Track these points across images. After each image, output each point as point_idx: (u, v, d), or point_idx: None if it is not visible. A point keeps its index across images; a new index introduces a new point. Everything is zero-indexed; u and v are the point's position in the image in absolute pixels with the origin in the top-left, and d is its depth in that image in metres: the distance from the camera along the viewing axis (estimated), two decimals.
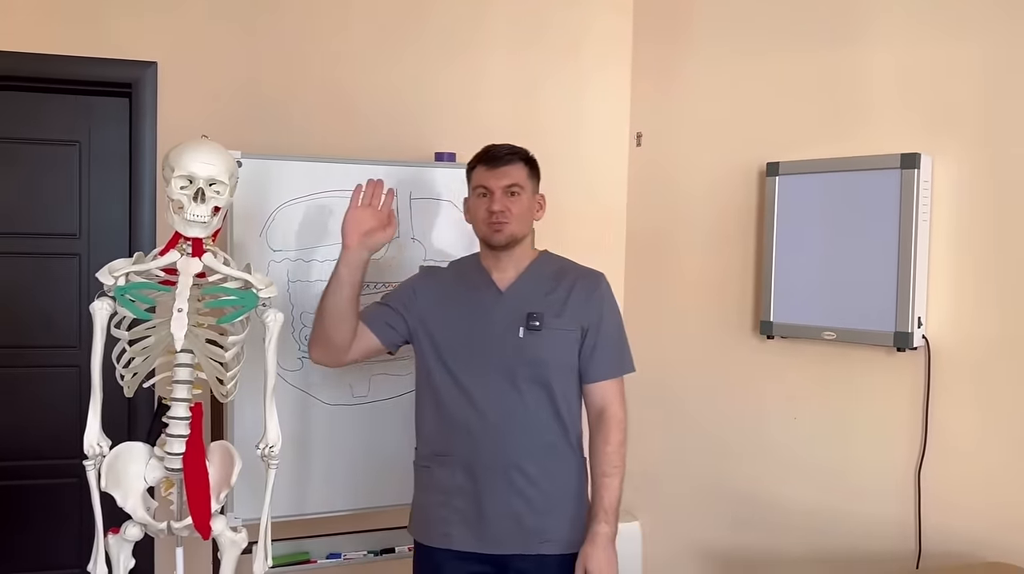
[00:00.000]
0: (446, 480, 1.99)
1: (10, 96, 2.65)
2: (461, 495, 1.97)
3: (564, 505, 1.99)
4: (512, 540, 1.95)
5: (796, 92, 2.61)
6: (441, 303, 2.04)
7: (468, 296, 2.03)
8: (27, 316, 2.71)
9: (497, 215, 1.95)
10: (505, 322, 1.98)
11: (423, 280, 2.12)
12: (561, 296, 2.01)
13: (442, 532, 1.99)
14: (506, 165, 1.97)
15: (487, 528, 1.95)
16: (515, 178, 1.98)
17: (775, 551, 2.67)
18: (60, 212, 2.72)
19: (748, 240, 2.73)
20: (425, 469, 2.04)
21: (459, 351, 1.98)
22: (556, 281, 2.04)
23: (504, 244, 1.98)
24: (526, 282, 2.02)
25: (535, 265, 2.06)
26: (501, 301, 2.00)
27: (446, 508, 1.98)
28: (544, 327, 1.96)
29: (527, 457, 1.95)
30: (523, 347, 1.96)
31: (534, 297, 2.00)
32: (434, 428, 2.02)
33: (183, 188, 1.64)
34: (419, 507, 2.06)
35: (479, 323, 1.99)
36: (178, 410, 1.65)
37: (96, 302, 1.63)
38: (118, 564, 1.74)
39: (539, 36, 3.05)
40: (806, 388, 2.57)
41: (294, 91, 2.78)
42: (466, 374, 1.97)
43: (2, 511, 2.72)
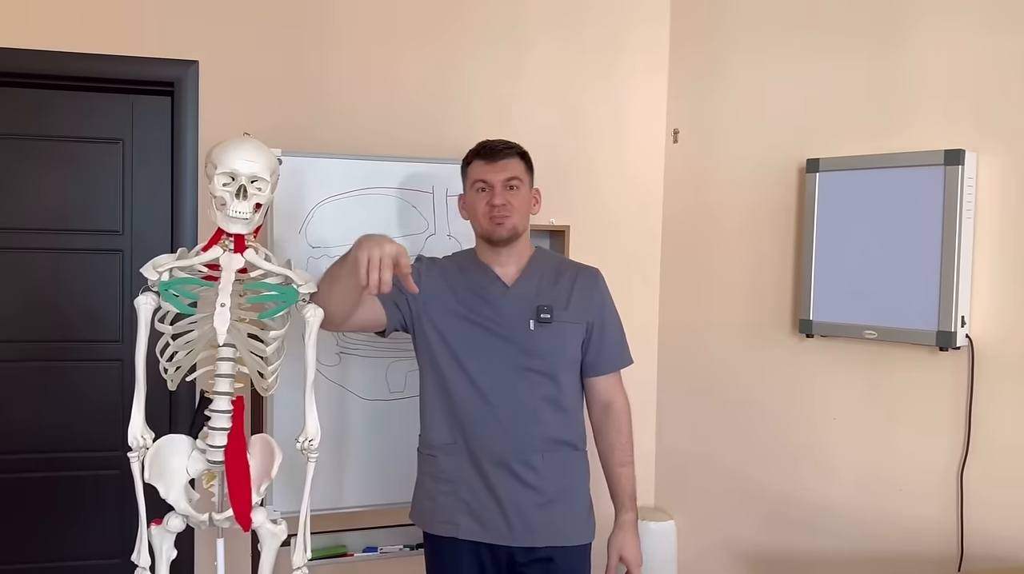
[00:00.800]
0: (452, 470, 2.00)
1: (56, 95, 2.70)
2: (467, 485, 1.99)
3: (569, 498, 2.02)
4: (518, 532, 1.97)
5: (837, 87, 2.57)
6: (447, 293, 2.04)
7: (474, 290, 2.03)
8: (71, 311, 2.76)
9: (499, 209, 1.96)
10: (515, 315, 1.99)
11: (427, 268, 2.09)
12: (565, 290, 2.04)
13: (448, 521, 2.00)
14: (504, 159, 1.99)
15: (492, 519, 1.97)
16: (514, 171, 1.99)
17: (812, 552, 2.65)
18: (103, 209, 2.77)
19: (787, 237, 2.70)
20: (431, 458, 2.05)
21: (468, 344, 1.99)
22: (557, 275, 2.07)
23: (506, 238, 1.99)
24: (530, 276, 2.05)
25: (535, 260, 2.09)
26: (508, 295, 2.02)
27: (452, 497, 2.00)
28: (555, 319, 1.99)
29: (533, 450, 1.98)
30: (534, 339, 1.98)
31: (540, 290, 2.02)
32: (441, 417, 2.03)
33: (225, 185, 1.66)
34: (425, 495, 2.06)
35: (489, 317, 2.00)
36: (220, 403, 1.67)
37: (141, 297, 1.65)
38: (160, 555, 1.76)
39: (578, 32, 3.04)
40: (846, 388, 2.54)
41: (333, 89, 2.80)
42: (475, 366, 1.98)
43: (47, 502, 2.77)
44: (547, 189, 2.89)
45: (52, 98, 2.71)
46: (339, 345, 2.44)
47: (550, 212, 2.97)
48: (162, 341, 1.69)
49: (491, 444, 1.97)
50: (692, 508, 3.04)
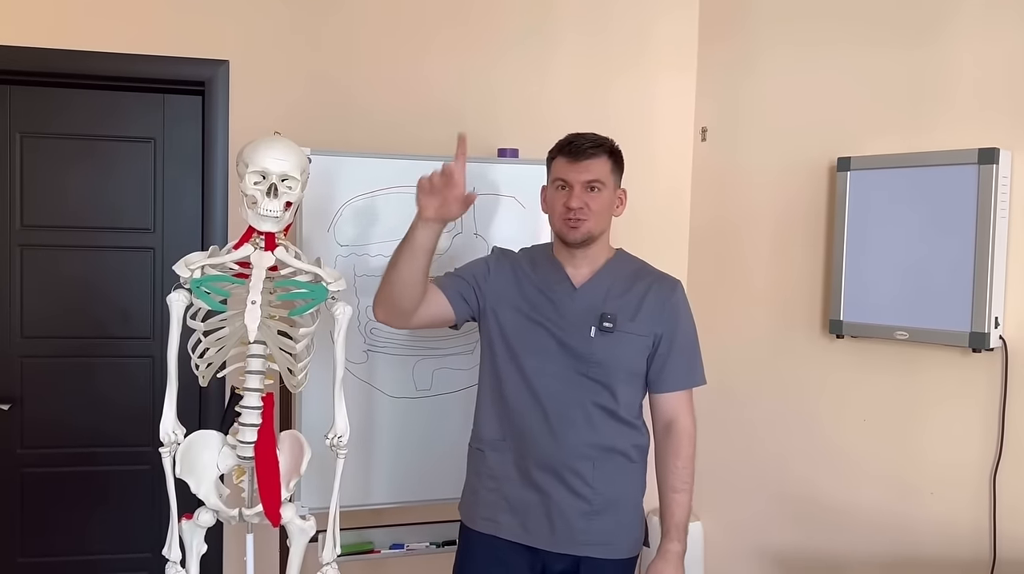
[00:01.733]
0: (498, 467, 1.96)
1: (89, 94, 2.74)
2: (512, 485, 1.94)
3: (618, 511, 1.94)
4: (559, 538, 1.91)
5: (868, 85, 2.54)
6: (514, 288, 1.98)
7: (541, 288, 1.96)
8: (103, 308, 2.80)
9: (575, 212, 1.87)
10: (577, 320, 1.91)
11: (498, 261, 2.04)
12: (636, 299, 1.94)
13: (489, 517, 1.95)
14: (588, 159, 1.88)
15: (534, 522, 1.92)
16: (596, 173, 1.89)
17: (841, 555, 2.62)
18: (135, 207, 2.81)
19: (817, 237, 2.67)
20: (479, 452, 2.01)
21: (527, 342, 1.93)
22: (631, 283, 1.96)
23: (580, 242, 1.91)
24: (601, 280, 1.95)
25: (611, 264, 1.99)
26: (575, 298, 1.94)
27: (496, 494, 1.95)
28: (617, 329, 1.90)
29: (583, 458, 1.90)
30: (593, 347, 1.90)
31: (609, 297, 1.93)
32: (492, 413, 1.97)
33: (257, 184, 1.68)
34: (470, 490, 2.03)
35: (551, 317, 1.93)
36: (251, 400, 1.68)
37: (173, 294, 1.67)
38: (191, 549, 1.78)
39: (604, 29, 3.03)
40: (877, 389, 2.51)
41: (361, 89, 2.82)
42: (531, 366, 1.92)
43: (80, 496, 2.82)
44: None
45: (85, 97, 2.75)
46: (367, 343, 2.46)
47: None
48: (194, 338, 1.71)
49: (539, 447, 1.91)
50: (719, 509, 3.02)
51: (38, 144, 2.73)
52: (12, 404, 2.74)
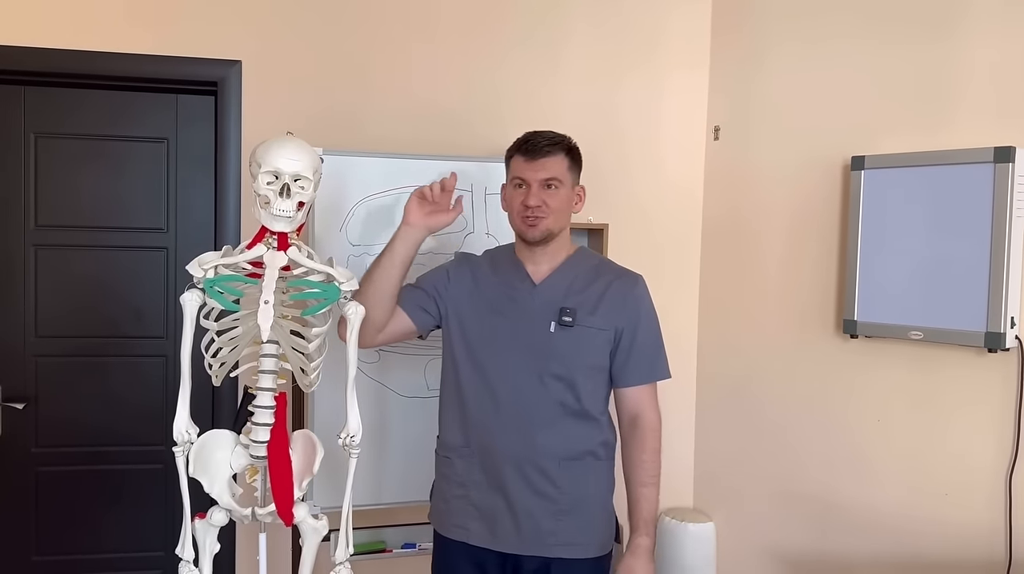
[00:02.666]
0: (465, 473, 1.95)
1: (102, 95, 2.75)
2: (479, 489, 1.94)
3: (585, 509, 1.94)
4: (528, 540, 1.91)
5: (883, 83, 2.53)
6: (474, 291, 1.99)
7: (501, 287, 1.97)
8: (117, 307, 2.81)
9: (533, 210, 1.88)
10: (537, 316, 1.92)
11: (458, 266, 2.06)
12: (596, 294, 1.94)
13: (459, 525, 1.96)
14: (545, 157, 1.89)
15: (502, 526, 1.91)
16: (553, 171, 1.89)
17: (854, 556, 2.60)
18: (149, 207, 2.81)
19: (831, 236, 2.66)
20: (446, 459, 2.01)
21: (487, 343, 1.93)
22: (592, 278, 1.97)
23: (539, 239, 1.92)
24: (562, 276, 1.96)
25: (572, 260, 1.99)
26: (534, 294, 1.94)
27: (464, 501, 1.95)
28: (576, 323, 1.90)
29: (548, 456, 1.90)
30: (553, 343, 1.90)
31: (569, 292, 1.93)
32: (456, 418, 1.97)
33: (269, 184, 1.68)
34: (440, 496, 2.03)
35: (510, 315, 1.94)
36: (264, 399, 1.68)
37: (186, 294, 1.68)
38: (204, 548, 1.78)
39: (614, 27, 3.02)
40: (891, 389, 2.49)
41: (373, 89, 2.82)
42: (492, 367, 1.92)
43: (94, 494, 2.83)
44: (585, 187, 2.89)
45: (98, 98, 2.76)
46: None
47: (588, 210, 2.95)
48: (207, 337, 1.72)
49: (504, 449, 1.90)
50: (731, 510, 3.01)
51: (52, 144, 2.74)
52: (26, 403, 2.75)
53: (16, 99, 2.71)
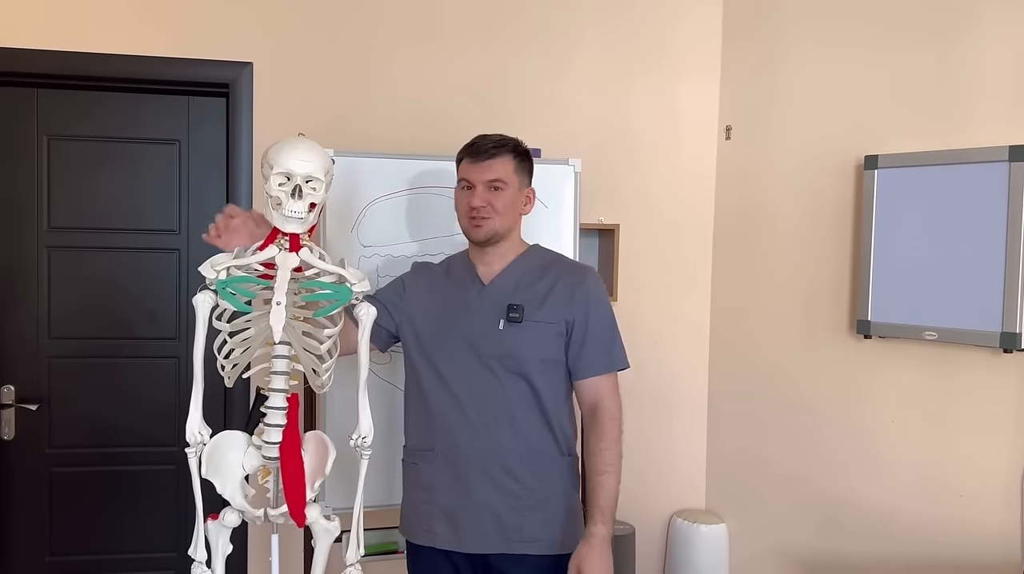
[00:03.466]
0: (430, 476, 1.97)
1: (115, 97, 2.77)
2: (443, 491, 1.95)
3: (549, 505, 1.94)
4: (493, 539, 1.92)
5: (896, 81, 2.51)
6: (427, 298, 2.02)
7: (453, 290, 2.01)
8: (129, 309, 2.82)
9: (478, 210, 1.91)
10: (486, 314, 1.94)
11: (413, 276, 2.09)
12: (544, 288, 1.96)
13: (426, 529, 1.97)
14: (490, 159, 1.92)
15: (467, 526, 1.92)
16: (499, 173, 1.92)
17: (868, 558, 2.59)
18: (161, 209, 2.83)
19: (844, 236, 2.65)
20: (412, 465, 2.03)
21: (441, 345, 1.96)
22: (541, 274, 1.99)
23: (484, 240, 1.95)
24: (510, 275, 1.99)
25: (521, 259, 2.02)
26: (483, 294, 1.97)
27: (430, 505, 1.97)
28: (525, 319, 1.91)
29: (509, 453, 1.91)
30: (502, 339, 1.92)
31: (517, 289, 1.96)
32: (419, 423, 2.00)
33: (281, 185, 1.68)
34: (407, 504, 2.05)
35: (461, 316, 1.96)
36: (276, 400, 1.68)
37: (199, 295, 1.68)
38: (216, 549, 1.78)
39: (626, 26, 3.01)
40: (905, 390, 2.48)
41: (384, 90, 2.82)
42: (448, 368, 1.94)
43: (106, 495, 2.84)
44: (595, 187, 2.89)
45: (110, 100, 2.77)
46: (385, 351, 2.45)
47: (598, 210, 2.96)
48: (219, 338, 1.71)
49: (466, 448, 1.92)
50: (744, 512, 3.00)
51: (65, 146, 2.75)
52: (40, 404, 2.76)
53: (29, 101, 2.73)
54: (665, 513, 3.12)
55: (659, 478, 3.10)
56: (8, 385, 2.75)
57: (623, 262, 2.98)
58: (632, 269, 3.02)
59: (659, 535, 3.12)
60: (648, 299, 3.05)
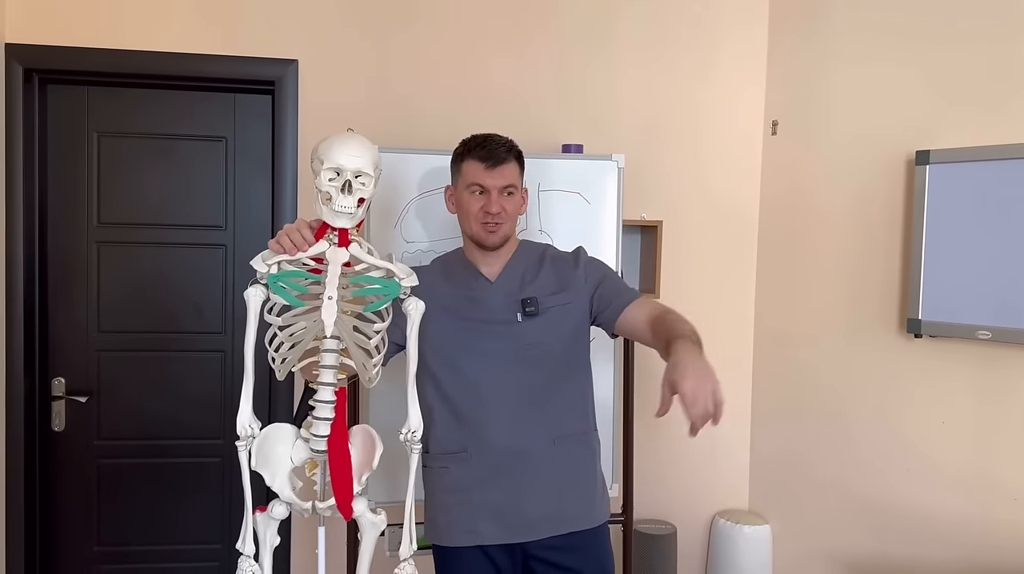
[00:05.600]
0: (465, 477, 1.98)
1: (161, 94, 2.81)
2: (482, 489, 1.97)
3: (584, 481, 2.01)
4: (541, 525, 1.96)
5: (948, 74, 2.46)
6: (432, 303, 1.95)
7: (459, 291, 2.02)
8: (177, 303, 2.86)
9: (494, 217, 1.94)
10: (501, 310, 1.99)
11: None
12: (549, 276, 2.02)
13: (468, 529, 1.98)
14: (503, 164, 1.94)
15: (512, 518, 1.96)
16: (511, 178, 1.96)
17: (917, 563, 2.54)
18: (208, 205, 2.86)
19: (894, 233, 2.60)
20: (442, 470, 2.02)
21: (458, 345, 1.98)
22: (540, 265, 2.05)
23: (498, 245, 1.99)
24: (514, 270, 2.04)
25: (519, 253, 2.07)
26: (493, 291, 2.01)
27: (468, 505, 1.98)
28: (541, 310, 1.97)
29: (542, 440, 1.96)
30: (522, 332, 1.97)
31: (524, 283, 2.01)
32: (446, 427, 2.00)
33: (331, 180, 1.68)
34: (440, 509, 2.04)
35: (477, 316, 1.99)
36: (325, 394, 1.69)
37: (250, 289, 1.69)
38: (264, 542, 1.79)
39: (670, 20, 2.98)
40: (957, 390, 2.43)
41: (428, 86, 2.83)
42: (471, 368, 1.97)
43: (152, 486, 2.89)
44: (639, 183, 2.88)
45: (158, 97, 2.81)
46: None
47: (641, 206, 2.94)
48: (270, 332, 1.73)
49: (500, 442, 1.96)
50: (788, 513, 2.96)
51: (114, 143, 2.80)
52: (89, 396, 2.82)
53: (80, 99, 2.78)
54: (707, 513, 3.10)
55: (701, 478, 3.08)
56: (59, 377, 2.81)
57: (666, 259, 2.96)
58: (675, 266, 2.99)
59: (701, 535, 3.10)
60: (691, 297, 3.02)
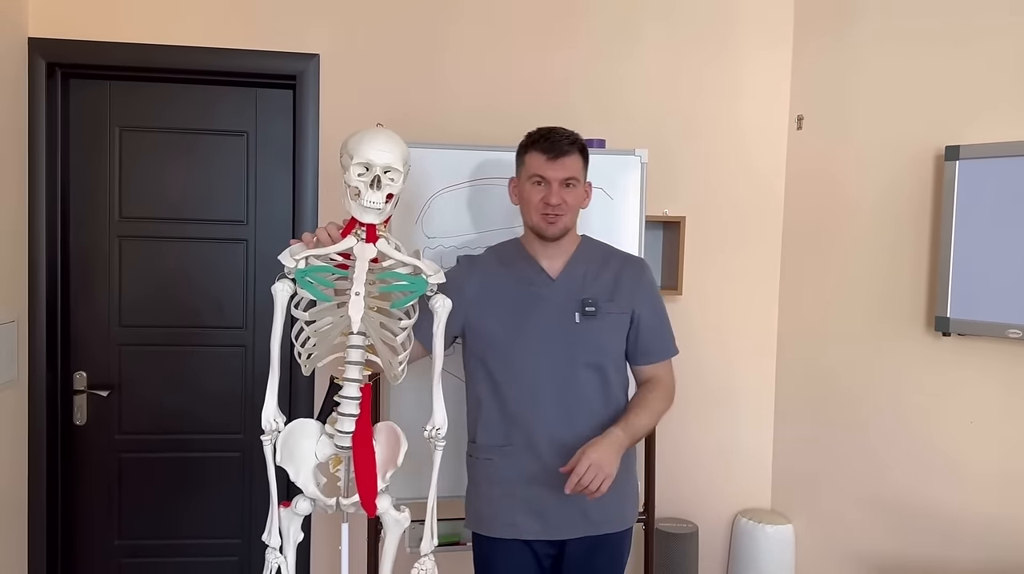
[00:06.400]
0: (508, 470, 2.01)
1: (183, 89, 2.80)
2: (525, 484, 2.00)
3: (622, 483, 2.00)
4: (579, 524, 2.00)
5: (979, 68, 2.42)
6: (489, 294, 2.03)
7: (518, 285, 2.02)
8: (198, 298, 2.86)
9: (555, 208, 1.94)
10: (560, 309, 1.99)
11: (467, 274, 2.06)
12: (611, 280, 2.03)
13: (509, 522, 2.01)
14: (565, 156, 1.94)
15: (553, 514, 1.99)
16: (573, 170, 1.95)
17: (942, 562, 2.51)
18: (229, 200, 2.86)
19: (922, 230, 2.56)
20: (487, 461, 2.05)
21: (515, 340, 1.99)
22: (602, 265, 2.05)
23: (557, 236, 1.99)
24: (576, 268, 2.03)
25: (580, 251, 2.07)
26: (553, 288, 2.01)
27: (511, 498, 2.01)
28: (600, 312, 1.99)
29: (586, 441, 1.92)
30: (580, 332, 1.98)
31: (585, 283, 2.02)
32: (492, 419, 2.02)
33: (360, 175, 1.67)
34: (483, 500, 2.06)
35: (536, 311, 1.99)
36: (350, 390, 1.68)
37: (277, 284, 1.68)
38: (288, 537, 1.79)
39: (694, 12, 2.95)
40: (986, 390, 2.40)
41: (448, 81, 2.82)
42: (524, 362, 1.98)
43: (173, 481, 2.89)
44: (660, 178, 2.85)
45: (180, 92, 2.81)
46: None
47: (663, 202, 2.91)
48: (296, 327, 1.72)
49: (546, 439, 1.98)
50: (811, 513, 2.93)
51: (136, 138, 2.80)
52: (111, 390, 2.82)
53: (102, 93, 2.78)
54: (729, 512, 3.07)
55: (723, 476, 3.05)
56: (81, 371, 2.81)
57: (688, 256, 2.94)
58: (697, 263, 2.97)
59: (723, 535, 3.08)
60: (714, 294, 3.00)
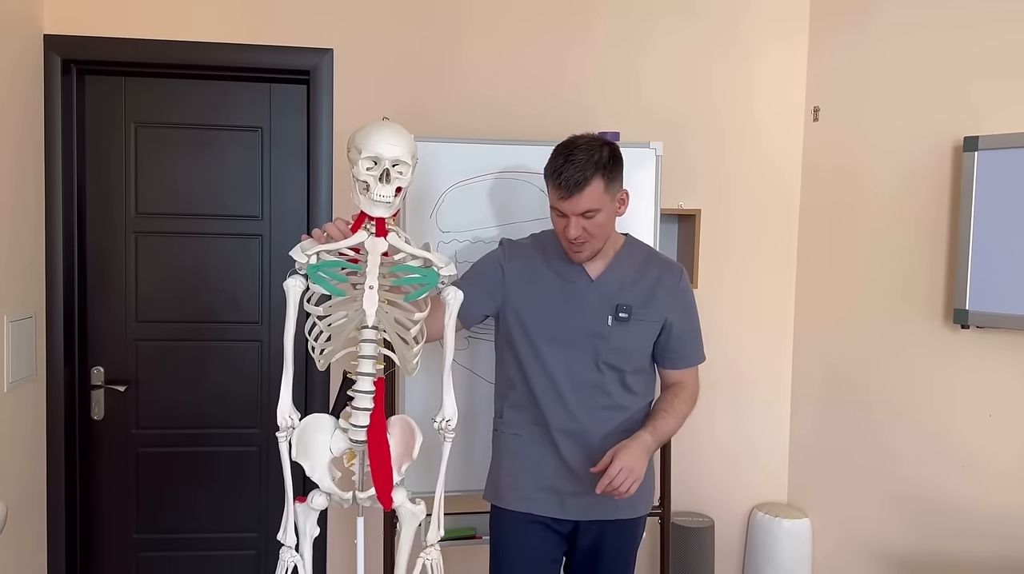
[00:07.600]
0: (535, 449, 2.08)
1: (197, 84, 2.81)
2: (548, 465, 2.06)
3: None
4: (595, 509, 2.05)
5: (998, 58, 2.38)
6: (529, 282, 2.07)
7: (558, 280, 2.05)
8: (214, 293, 2.87)
9: (575, 240, 1.94)
10: (595, 310, 2.02)
11: (509, 258, 2.10)
12: (647, 288, 2.05)
13: (527, 497, 2.08)
14: (582, 190, 1.87)
15: (573, 498, 2.05)
16: (591, 202, 1.89)
17: (963, 559, 2.49)
18: (244, 195, 2.86)
19: (940, 221, 2.53)
20: (514, 436, 2.10)
21: (547, 334, 2.03)
22: (642, 272, 2.07)
23: (585, 261, 2.02)
24: (615, 271, 2.06)
25: (622, 254, 2.08)
26: (592, 289, 2.04)
27: (532, 474, 2.07)
28: (632, 318, 2.02)
29: (605, 435, 2.02)
30: (611, 336, 2.02)
31: (623, 287, 2.04)
32: (523, 399, 2.08)
33: (369, 169, 1.67)
34: (504, 472, 2.12)
35: (570, 309, 2.03)
36: (364, 384, 1.68)
37: (290, 279, 1.68)
38: (304, 532, 1.79)
39: (709, 4, 2.92)
40: (1005, 383, 2.37)
41: (463, 75, 2.81)
42: (552, 357, 2.02)
43: (190, 475, 2.91)
44: (675, 171, 2.84)
45: (194, 87, 2.81)
46: (469, 329, 2.44)
47: (678, 195, 2.90)
48: (310, 322, 1.72)
49: (565, 431, 2.04)
50: (828, 507, 2.91)
51: (151, 133, 2.81)
52: (127, 385, 2.84)
53: (117, 89, 2.79)
54: (745, 506, 3.06)
55: (740, 470, 3.04)
56: (98, 366, 2.83)
57: (704, 249, 2.92)
58: (713, 256, 2.95)
59: (739, 528, 3.06)
60: (730, 287, 2.98)
